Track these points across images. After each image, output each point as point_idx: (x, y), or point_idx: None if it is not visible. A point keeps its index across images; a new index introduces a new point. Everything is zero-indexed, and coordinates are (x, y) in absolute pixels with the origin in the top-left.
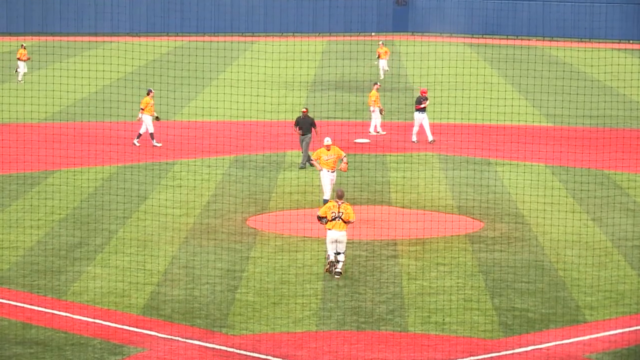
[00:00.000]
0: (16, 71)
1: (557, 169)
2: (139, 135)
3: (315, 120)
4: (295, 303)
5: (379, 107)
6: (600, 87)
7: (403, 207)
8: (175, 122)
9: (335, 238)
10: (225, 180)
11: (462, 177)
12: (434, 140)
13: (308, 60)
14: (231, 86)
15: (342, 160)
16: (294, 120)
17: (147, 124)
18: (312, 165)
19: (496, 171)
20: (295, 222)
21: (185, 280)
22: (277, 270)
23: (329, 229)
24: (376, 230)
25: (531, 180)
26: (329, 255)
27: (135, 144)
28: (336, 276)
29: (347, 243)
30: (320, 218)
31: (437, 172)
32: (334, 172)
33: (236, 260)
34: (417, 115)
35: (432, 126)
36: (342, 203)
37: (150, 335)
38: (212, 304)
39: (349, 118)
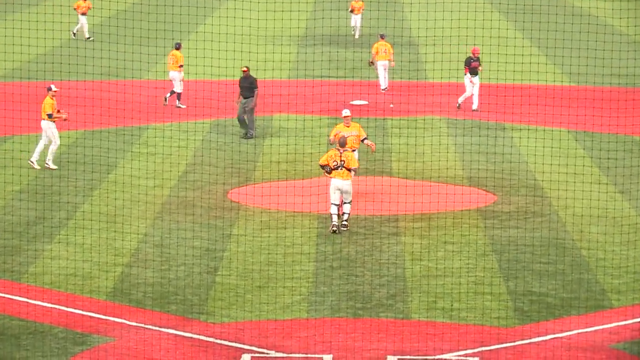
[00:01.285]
0: (74, 32)
1: (580, 135)
2: (174, 94)
3: (307, 79)
4: (284, 287)
5: (389, 60)
6: (630, 42)
7: (406, 178)
8: (149, 81)
9: (339, 186)
10: (205, 147)
11: (473, 144)
12: (478, 110)
13: (298, 11)
14: (211, 40)
15: (363, 140)
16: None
17: (178, 82)
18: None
19: (512, 137)
20: (284, 195)
21: (160, 260)
22: (262, 250)
23: (332, 177)
24: (375, 205)
25: (551, 147)
26: (332, 215)
27: (180, 107)
28: (343, 228)
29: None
30: (322, 167)
31: (444, 139)
32: (354, 151)
33: (216, 238)
34: (468, 80)
35: (439, 86)
36: (345, 151)
37: (119, 323)
38: (189, 287)
39: (344, 77)
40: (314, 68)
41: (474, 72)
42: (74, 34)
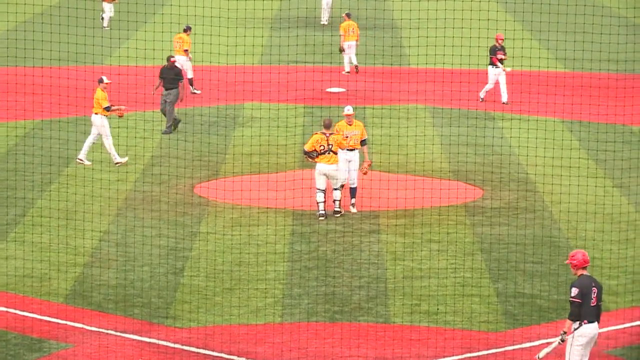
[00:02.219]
0: (102, 18)
1: (574, 125)
2: (191, 82)
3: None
4: (255, 289)
5: (355, 40)
6: (629, 25)
7: (388, 172)
8: (111, 67)
9: (325, 171)
10: (170, 138)
11: (460, 135)
12: (509, 103)
13: None
14: (178, 23)
15: (362, 142)
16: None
17: (187, 67)
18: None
19: (501, 127)
20: (255, 190)
21: (121, 260)
22: (232, 249)
23: (318, 162)
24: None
25: (543, 138)
26: (318, 204)
27: (195, 92)
28: (336, 215)
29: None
30: (307, 153)
31: (428, 129)
32: (353, 150)
33: (183, 236)
34: (492, 70)
35: (424, 72)
36: (331, 134)
37: (78, 327)
38: (153, 289)
39: (321, 62)
40: (288, 53)
41: (499, 62)
42: (105, 26)
